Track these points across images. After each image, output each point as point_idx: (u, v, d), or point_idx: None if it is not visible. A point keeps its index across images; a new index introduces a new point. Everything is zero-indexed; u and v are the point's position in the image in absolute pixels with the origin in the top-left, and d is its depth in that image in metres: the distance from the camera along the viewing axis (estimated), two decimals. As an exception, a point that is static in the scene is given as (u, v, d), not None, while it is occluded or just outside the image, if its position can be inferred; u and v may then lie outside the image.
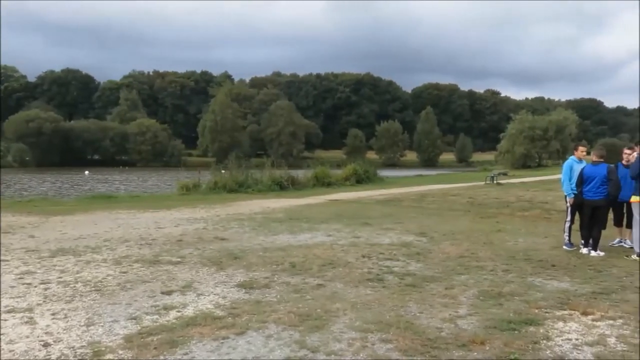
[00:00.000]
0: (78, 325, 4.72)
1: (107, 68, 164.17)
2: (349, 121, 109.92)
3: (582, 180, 8.32)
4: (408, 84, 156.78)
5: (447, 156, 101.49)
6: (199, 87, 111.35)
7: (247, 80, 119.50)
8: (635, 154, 8.39)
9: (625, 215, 8.82)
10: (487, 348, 4.17)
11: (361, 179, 25.53)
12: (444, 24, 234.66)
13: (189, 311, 5.14)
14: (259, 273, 6.77)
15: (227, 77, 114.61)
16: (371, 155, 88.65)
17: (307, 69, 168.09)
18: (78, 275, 6.62)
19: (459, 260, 7.63)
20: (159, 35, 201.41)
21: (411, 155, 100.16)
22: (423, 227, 10.92)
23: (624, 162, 8.66)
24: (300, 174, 23.95)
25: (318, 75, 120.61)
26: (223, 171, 23.12)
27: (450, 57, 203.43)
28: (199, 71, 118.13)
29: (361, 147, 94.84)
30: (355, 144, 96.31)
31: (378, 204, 16.44)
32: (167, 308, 5.22)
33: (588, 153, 9.10)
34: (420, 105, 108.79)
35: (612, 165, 8.24)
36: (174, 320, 4.84)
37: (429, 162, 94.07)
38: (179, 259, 7.64)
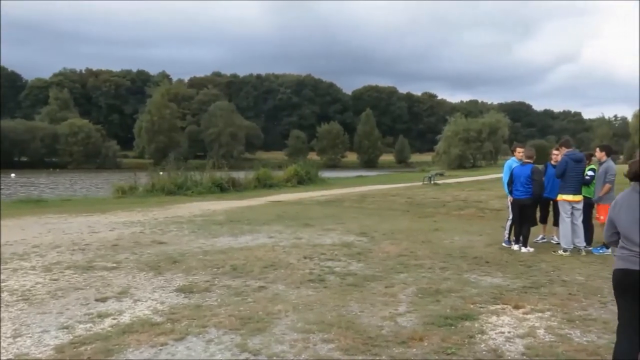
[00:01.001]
0: (4, 337, 4.45)
1: (35, 66, 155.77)
2: (290, 122, 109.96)
3: (512, 179, 8.74)
4: (348, 86, 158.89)
5: (387, 157, 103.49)
6: (135, 86, 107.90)
7: (186, 80, 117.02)
8: (561, 155, 8.91)
9: (550, 213, 9.32)
10: (426, 344, 4.28)
11: (303, 180, 25.58)
12: (382, 28, 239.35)
13: (125, 318, 4.96)
14: (199, 277, 6.64)
15: (164, 76, 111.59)
16: (313, 156, 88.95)
17: (247, 69, 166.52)
18: (4, 284, 6.24)
19: (398, 259, 7.79)
20: (92, 32, 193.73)
21: (352, 156, 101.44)
22: (364, 227, 11.07)
23: (552, 162, 9.15)
24: (241, 175, 23.71)
25: (259, 76, 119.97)
26: (161, 173, 22.51)
27: (388, 60, 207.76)
28: (135, 70, 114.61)
29: (303, 148, 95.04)
30: (296, 145, 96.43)
31: (320, 204, 16.53)
32: (102, 316, 5.02)
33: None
34: (361, 107, 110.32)
35: (536, 166, 8.66)
36: (109, 328, 4.66)
37: (370, 163, 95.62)
38: (114, 265, 7.36)
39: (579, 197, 8.28)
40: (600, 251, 8.20)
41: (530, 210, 8.74)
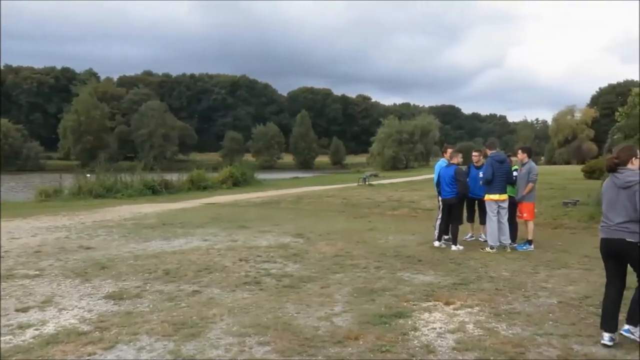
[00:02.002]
0: None
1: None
2: (225, 123, 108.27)
3: (439, 180, 9.08)
4: (284, 87, 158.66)
5: (323, 158, 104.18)
6: (60, 84, 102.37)
7: (115, 79, 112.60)
8: (481, 157, 9.35)
9: (477, 212, 9.72)
10: (361, 342, 4.34)
11: (238, 182, 25.30)
12: (316, 29, 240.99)
13: (49, 328, 4.70)
14: (129, 282, 6.40)
15: (91, 74, 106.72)
16: (248, 157, 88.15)
17: (180, 69, 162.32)
18: None
19: (334, 259, 7.86)
20: (9, 26, 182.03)
21: (288, 158, 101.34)
22: (300, 229, 11.10)
23: (474, 163, 9.54)
24: (174, 177, 23.11)
25: (192, 76, 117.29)
26: (88, 175, 21.52)
27: (323, 61, 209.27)
28: (59, 67, 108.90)
29: (238, 150, 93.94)
30: (232, 146, 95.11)
31: (255, 206, 16.41)
32: (23, 327, 4.73)
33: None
34: (296, 109, 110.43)
35: (460, 167, 9.00)
36: (31, 340, 4.40)
37: (305, 164, 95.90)
38: (37, 272, 6.96)
39: (504, 197, 8.68)
40: (524, 248, 8.64)
41: (457, 209, 9.05)
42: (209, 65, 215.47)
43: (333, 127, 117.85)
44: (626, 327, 4.43)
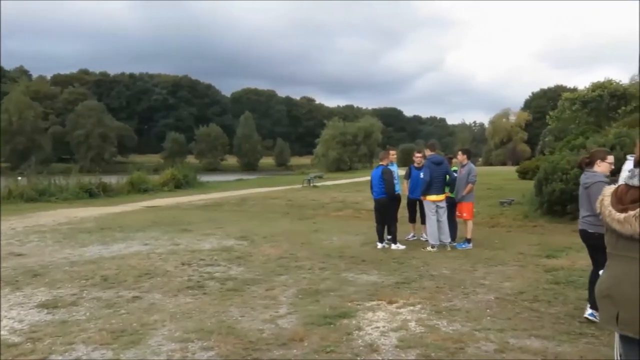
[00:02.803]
0: None
1: None
2: (166, 124, 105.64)
3: (371, 182, 9.26)
4: (227, 87, 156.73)
5: (267, 160, 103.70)
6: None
7: (49, 77, 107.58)
8: (422, 158, 9.58)
9: (418, 212, 9.95)
10: (306, 344, 4.34)
11: (180, 184, 24.80)
12: (258, 29, 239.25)
13: (-24, 341, 4.43)
14: (64, 290, 6.13)
15: (23, 72, 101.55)
16: (191, 159, 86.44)
17: (118, 68, 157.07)
18: None
19: (279, 261, 7.83)
20: None
21: (232, 160, 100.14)
22: (244, 231, 10.99)
23: (415, 164, 9.74)
24: (113, 180, 22.36)
25: (132, 75, 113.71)
26: (19, 178, 20.46)
27: (266, 62, 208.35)
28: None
29: (180, 151, 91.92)
30: (174, 148, 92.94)
31: (198, 209, 16.12)
32: (-54, 340, 4.43)
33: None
34: (240, 110, 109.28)
35: (386, 167, 9.14)
36: (-46, 354, 4.13)
37: (250, 166, 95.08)
38: (-39, 281, 6.54)
39: (442, 197, 8.94)
40: (464, 246, 8.92)
41: (390, 208, 9.11)
42: (149, 64, 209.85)
43: (277, 129, 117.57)
44: (589, 311, 4.88)
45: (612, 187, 2.80)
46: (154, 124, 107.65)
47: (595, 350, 4.16)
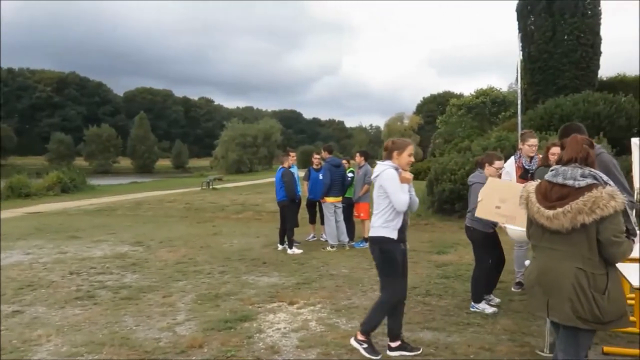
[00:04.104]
0: None
1: None
2: (51, 124, 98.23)
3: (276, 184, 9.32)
4: (119, 87, 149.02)
5: (164, 162, 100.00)
6: None
7: None
8: (321, 160, 9.77)
9: (317, 213, 10.12)
10: (205, 350, 4.24)
11: (68, 188, 23.18)
12: (151, 26, 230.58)
13: None
14: None
15: None
16: (80, 161, 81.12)
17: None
18: None
19: (176, 266, 7.59)
20: None
21: (125, 162, 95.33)
22: (139, 236, 10.52)
23: (314, 166, 9.89)
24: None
25: (10, 71, 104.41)
26: None
27: (160, 61, 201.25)
28: None
29: (67, 153, 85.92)
30: (59, 149, 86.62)
31: (88, 214, 15.17)
32: None
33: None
34: (134, 110, 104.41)
35: (286, 169, 9.23)
36: None
37: (145, 168, 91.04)
38: None
39: (339, 198, 9.19)
40: (361, 245, 9.19)
41: (290, 211, 9.10)
42: (30, 59, 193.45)
43: (174, 130, 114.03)
44: (472, 303, 5.32)
45: (534, 184, 3.05)
46: (37, 124, 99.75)
47: (481, 339, 4.47)
